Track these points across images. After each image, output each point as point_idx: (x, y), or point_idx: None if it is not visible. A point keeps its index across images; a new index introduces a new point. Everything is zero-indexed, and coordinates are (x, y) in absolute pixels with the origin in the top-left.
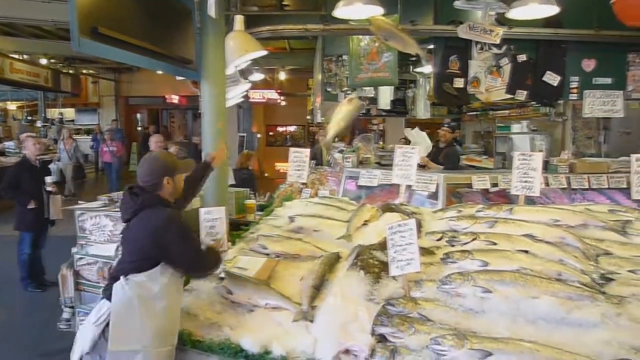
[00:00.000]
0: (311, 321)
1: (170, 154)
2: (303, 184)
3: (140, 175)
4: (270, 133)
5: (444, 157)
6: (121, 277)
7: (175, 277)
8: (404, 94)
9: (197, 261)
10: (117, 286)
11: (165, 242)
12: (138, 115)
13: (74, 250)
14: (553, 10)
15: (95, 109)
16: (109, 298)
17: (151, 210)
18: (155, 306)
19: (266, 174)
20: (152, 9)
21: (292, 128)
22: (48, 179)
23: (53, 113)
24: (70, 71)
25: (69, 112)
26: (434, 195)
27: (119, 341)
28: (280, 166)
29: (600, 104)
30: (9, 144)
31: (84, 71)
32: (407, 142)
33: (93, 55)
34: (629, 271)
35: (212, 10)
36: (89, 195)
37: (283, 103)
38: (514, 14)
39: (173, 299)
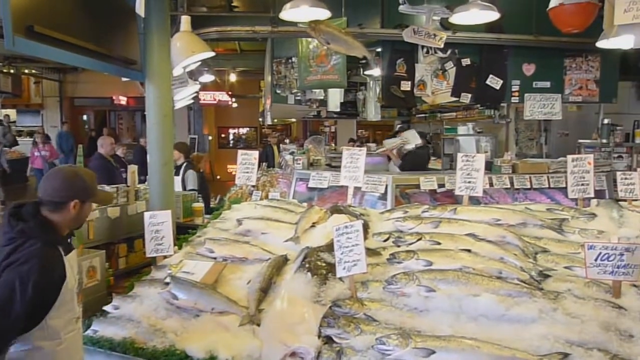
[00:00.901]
0: (258, 325)
1: (93, 176)
2: (253, 186)
3: (45, 188)
4: (222, 135)
5: (412, 157)
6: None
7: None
8: (354, 96)
9: None
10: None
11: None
12: (85, 117)
13: None
14: (494, 15)
15: (39, 110)
16: None
17: (28, 243)
18: None
19: (218, 177)
20: (93, 7)
21: (244, 130)
22: None
23: None
24: (11, 71)
25: (11, 114)
26: (384, 197)
27: None
28: (232, 168)
29: (540, 106)
30: None
31: (26, 71)
32: (355, 143)
33: (29, 54)
34: (565, 267)
35: (140, 9)
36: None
37: (234, 105)
38: (457, 19)
39: (75, 352)
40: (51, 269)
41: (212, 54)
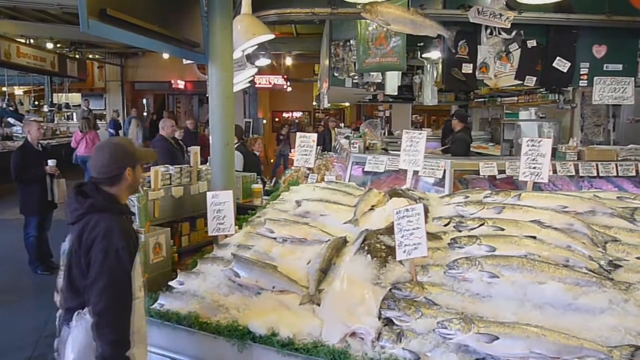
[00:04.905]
0: (318, 304)
1: (130, 140)
2: (309, 169)
3: (96, 165)
4: (276, 119)
5: (451, 141)
6: (74, 314)
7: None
8: (410, 80)
9: (100, 298)
10: (75, 328)
11: (88, 259)
12: (144, 101)
13: None
14: None
15: (102, 94)
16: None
17: (97, 217)
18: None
19: (272, 160)
20: None
21: (297, 114)
22: (50, 163)
23: (60, 98)
24: (77, 56)
25: (75, 97)
26: (439, 183)
27: None
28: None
29: (610, 90)
30: (17, 129)
31: (90, 56)
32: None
33: (101, 37)
34: (637, 258)
35: None
36: None
37: (289, 89)
38: None
39: (140, 318)
40: (129, 234)
41: (272, 36)
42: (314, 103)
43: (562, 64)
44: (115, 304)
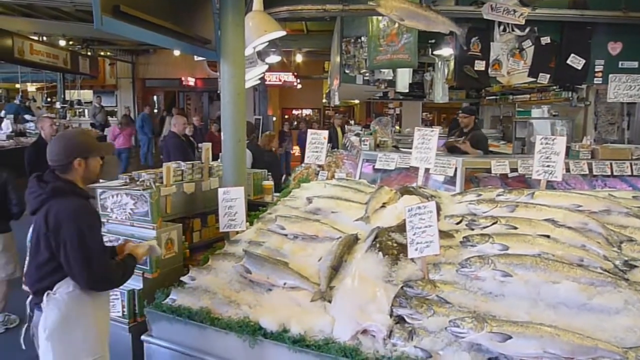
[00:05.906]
0: (329, 301)
1: (89, 133)
2: (319, 166)
3: (49, 154)
4: (286, 116)
5: (475, 141)
6: (45, 295)
7: None
8: (421, 77)
9: (89, 271)
10: (47, 307)
11: (59, 241)
12: (155, 98)
13: None
14: None
15: (113, 91)
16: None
17: (60, 201)
18: (96, 311)
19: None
20: None
21: (307, 111)
22: None
23: (72, 95)
24: (89, 53)
25: (87, 94)
26: (450, 181)
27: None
28: (295, 149)
29: (626, 88)
30: (30, 125)
31: (102, 53)
32: None
33: (114, 34)
34: None
35: None
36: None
37: (299, 86)
38: None
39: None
40: (94, 212)
41: (283, 33)
42: (324, 100)
43: (576, 61)
44: (100, 267)
